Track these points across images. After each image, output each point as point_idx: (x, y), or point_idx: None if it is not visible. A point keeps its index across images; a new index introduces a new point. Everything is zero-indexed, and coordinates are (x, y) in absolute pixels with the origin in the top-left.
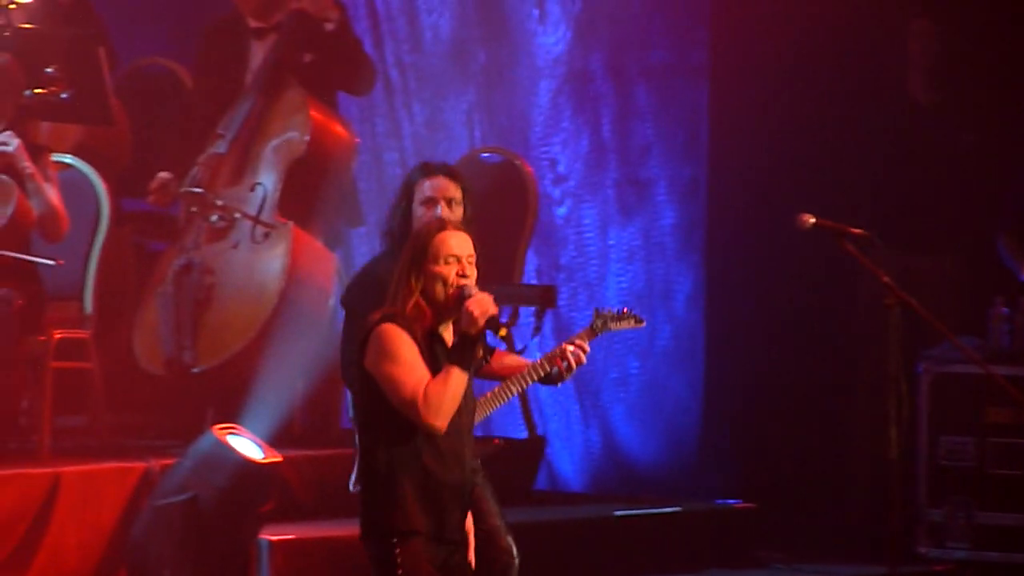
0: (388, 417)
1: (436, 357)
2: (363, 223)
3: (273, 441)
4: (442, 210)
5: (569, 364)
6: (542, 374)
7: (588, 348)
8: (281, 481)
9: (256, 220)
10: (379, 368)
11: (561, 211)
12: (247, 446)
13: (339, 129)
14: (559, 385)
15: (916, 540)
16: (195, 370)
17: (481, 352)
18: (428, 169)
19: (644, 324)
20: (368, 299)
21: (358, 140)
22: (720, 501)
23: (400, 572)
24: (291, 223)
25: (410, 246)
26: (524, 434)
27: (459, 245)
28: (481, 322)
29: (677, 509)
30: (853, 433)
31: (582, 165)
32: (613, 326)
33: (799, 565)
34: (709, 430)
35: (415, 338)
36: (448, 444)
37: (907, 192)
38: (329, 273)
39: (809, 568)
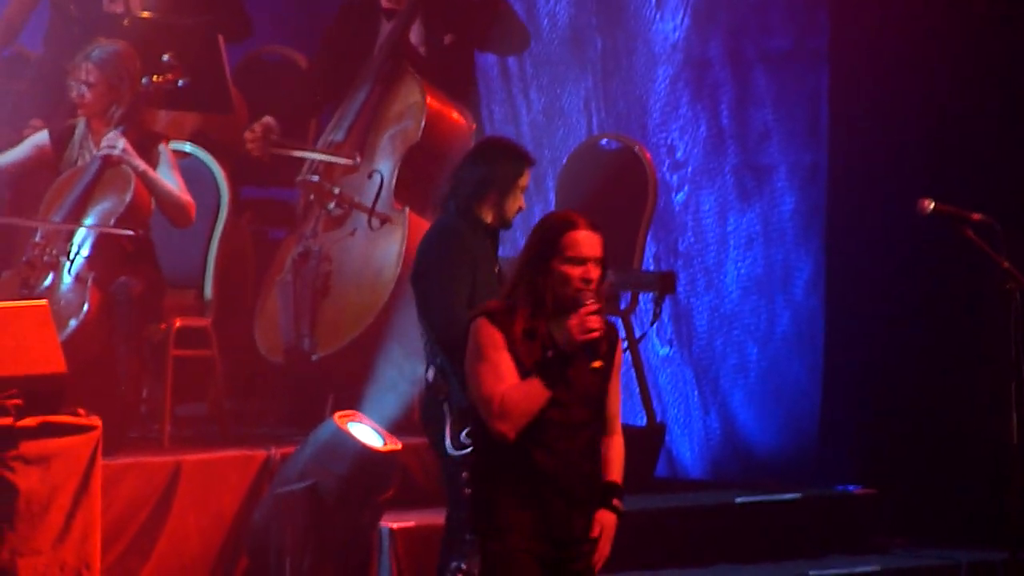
0: None
1: (532, 353)
2: None
3: (393, 428)
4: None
5: None
6: None
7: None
8: (401, 468)
9: (371, 212)
10: (468, 362)
11: (679, 197)
12: (367, 433)
13: (455, 116)
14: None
15: None
16: (314, 358)
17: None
18: (531, 161)
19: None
20: (447, 256)
21: (474, 126)
22: (840, 487)
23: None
24: (407, 209)
25: (537, 238)
26: (644, 421)
27: (589, 246)
28: (576, 344)
29: (797, 495)
30: (973, 419)
31: (700, 151)
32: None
33: (919, 551)
34: (828, 416)
35: (514, 333)
36: (553, 439)
37: None
38: None
39: (929, 554)
